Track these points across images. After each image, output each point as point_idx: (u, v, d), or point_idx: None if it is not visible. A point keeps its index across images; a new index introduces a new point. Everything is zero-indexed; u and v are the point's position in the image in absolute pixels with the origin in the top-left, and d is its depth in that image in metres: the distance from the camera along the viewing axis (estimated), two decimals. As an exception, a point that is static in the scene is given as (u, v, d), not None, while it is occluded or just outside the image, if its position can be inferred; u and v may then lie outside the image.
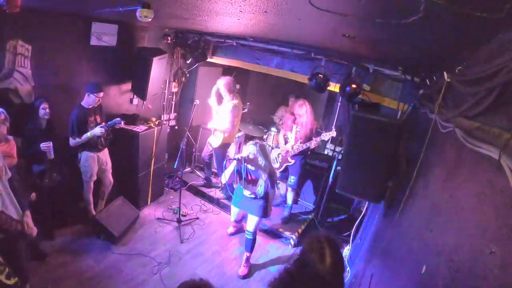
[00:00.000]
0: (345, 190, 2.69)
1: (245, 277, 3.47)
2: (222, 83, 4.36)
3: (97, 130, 3.36)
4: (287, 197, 4.45)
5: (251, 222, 3.43)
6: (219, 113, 4.52)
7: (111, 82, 4.07)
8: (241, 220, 3.97)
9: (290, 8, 1.54)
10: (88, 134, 3.33)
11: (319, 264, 1.29)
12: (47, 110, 3.10)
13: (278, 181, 4.86)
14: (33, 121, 3.10)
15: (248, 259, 3.55)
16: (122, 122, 3.63)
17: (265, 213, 3.38)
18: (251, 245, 3.50)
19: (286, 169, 4.29)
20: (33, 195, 2.88)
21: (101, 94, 3.37)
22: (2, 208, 1.95)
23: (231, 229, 4.13)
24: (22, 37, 3.01)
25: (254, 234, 3.47)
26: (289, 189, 4.34)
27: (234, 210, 3.74)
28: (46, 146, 3.02)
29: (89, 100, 3.34)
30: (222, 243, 3.92)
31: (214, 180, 5.07)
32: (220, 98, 4.55)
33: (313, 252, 1.33)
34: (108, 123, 3.48)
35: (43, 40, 3.18)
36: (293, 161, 4.19)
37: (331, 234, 1.50)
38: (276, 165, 4.38)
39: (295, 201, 4.68)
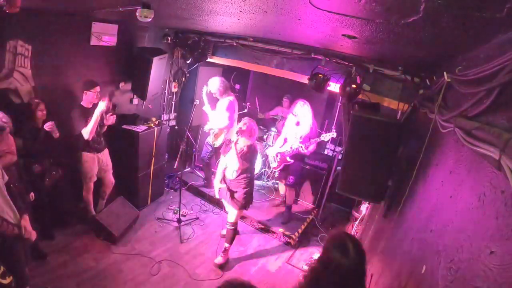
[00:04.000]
0: (345, 190, 2.69)
1: (221, 266, 3.48)
2: (214, 86, 4.31)
3: (101, 105, 3.26)
4: (286, 197, 4.45)
5: (231, 215, 3.45)
6: (215, 113, 4.49)
7: (111, 82, 4.07)
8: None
9: (290, 8, 1.54)
10: (94, 116, 3.26)
11: (342, 259, 1.36)
12: (44, 112, 3.09)
13: (277, 181, 4.88)
14: (31, 121, 3.07)
15: (226, 250, 3.55)
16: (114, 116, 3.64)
17: (243, 204, 3.37)
18: (231, 236, 3.50)
19: (285, 168, 4.29)
20: (32, 195, 2.88)
21: (98, 88, 3.35)
22: None
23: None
24: (22, 37, 3.00)
25: (234, 225, 3.49)
26: (288, 189, 4.33)
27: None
28: (49, 126, 3.02)
29: (87, 98, 3.33)
30: (222, 243, 3.90)
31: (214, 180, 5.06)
32: (212, 100, 4.52)
33: (335, 249, 1.40)
34: None
35: (43, 40, 3.17)
36: (292, 161, 4.18)
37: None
38: (274, 164, 4.39)
39: (295, 201, 4.68)
